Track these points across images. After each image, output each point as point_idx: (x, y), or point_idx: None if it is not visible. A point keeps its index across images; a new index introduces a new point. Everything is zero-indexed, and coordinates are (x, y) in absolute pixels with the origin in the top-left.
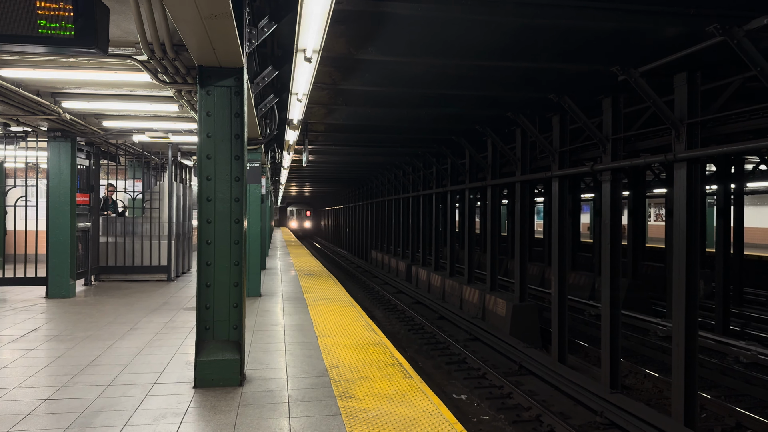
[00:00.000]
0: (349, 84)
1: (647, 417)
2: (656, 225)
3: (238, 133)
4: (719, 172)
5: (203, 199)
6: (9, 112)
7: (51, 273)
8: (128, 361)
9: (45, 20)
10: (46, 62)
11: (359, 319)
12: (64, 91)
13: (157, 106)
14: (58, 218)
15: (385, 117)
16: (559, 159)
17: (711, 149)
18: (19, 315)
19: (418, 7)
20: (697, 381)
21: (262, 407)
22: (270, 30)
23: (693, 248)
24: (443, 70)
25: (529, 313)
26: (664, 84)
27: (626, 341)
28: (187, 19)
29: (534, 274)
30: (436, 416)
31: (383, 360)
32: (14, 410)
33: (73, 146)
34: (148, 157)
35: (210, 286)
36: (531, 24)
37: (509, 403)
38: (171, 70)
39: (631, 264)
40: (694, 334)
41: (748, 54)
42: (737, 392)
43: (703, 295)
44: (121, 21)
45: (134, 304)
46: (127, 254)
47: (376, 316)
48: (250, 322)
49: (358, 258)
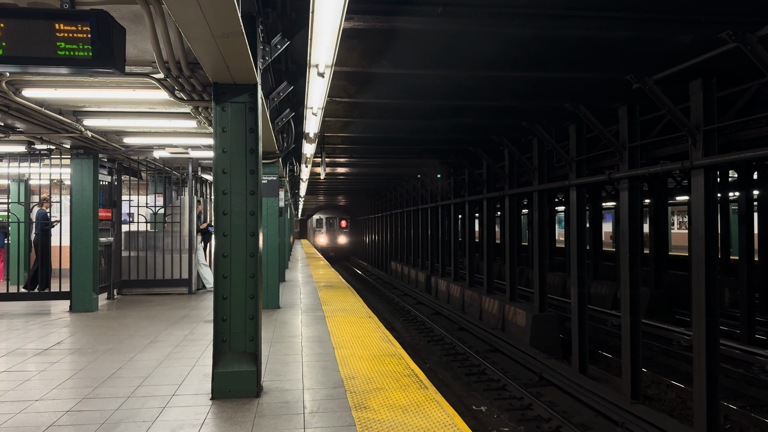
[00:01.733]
0: (364, 97)
1: (668, 428)
2: (679, 233)
3: (252, 148)
4: (741, 179)
5: (219, 213)
6: (33, 131)
7: (74, 287)
8: (148, 374)
9: (64, 42)
10: (67, 82)
11: (376, 330)
12: (86, 110)
13: (175, 123)
14: (81, 233)
15: (401, 129)
16: (576, 168)
17: (728, 156)
18: (43, 329)
19: (429, 21)
20: (719, 390)
21: (278, 418)
22: (283, 47)
23: (712, 255)
24: (457, 82)
25: (549, 323)
26: (680, 91)
27: (648, 351)
28: (200, 38)
29: (556, 283)
30: (451, 427)
31: (399, 371)
32: (37, 422)
33: (95, 163)
34: (169, 172)
35: (226, 299)
36: (542, 34)
37: (529, 414)
38: (187, 88)
39: (653, 272)
40: (716, 342)
41: (762, 60)
42: (763, 402)
43: (728, 303)
44: (138, 41)
45: (155, 317)
46: (149, 268)
47: (395, 327)
48: (268, 333)
49: (377, 269)
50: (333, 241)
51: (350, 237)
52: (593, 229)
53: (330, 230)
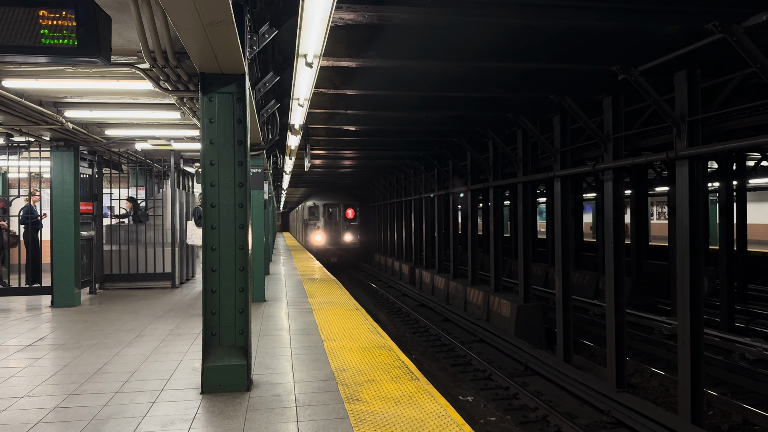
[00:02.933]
0: (350, 88)
1: (654, 415)
2: (659, 223)
3: (240, 139)
4: (721, 169)
5: (207, 206)
6: (12, 123)
7: (56, 282)
8: (135, 369)
9: (47, 30)
10: (48, 72)
11: (364, 322)
12: (67, 101)
13: (159, 114)
14: (61, 227)
15: (386, 120)
16: (561, 159)
17: (712, 146)
18: (24, 324)
19: (418, 11)
20: (703, 378)
21: (270, 412)
22: (271, 36)
23: (696, 245)
24: (443, 72)
25: (534, 313)
26: (665, 82)
27: (631, 340)
28: (189, 26)
29: (537, 274)
30: (444, 418)
31: (389, 363)
32: (23, 419)
33: (75, 155)
34: (151, 165)
35: (215, 292)
36: (530, 25)
37: (516, 403)
38: (173, 78)
39: (634, 263)
40: (700, 332)
41: (748, 51)
42: (744, 389)
43: (707, 292)
44: (123, 30)
45: (139, 311)
46: (131, 262)
47: (380, 320)
48: (255, 327)
49: (361, 261)
50: (336, 239)
51: (359, 233)
52: (574, 219)
53: (331, 224)
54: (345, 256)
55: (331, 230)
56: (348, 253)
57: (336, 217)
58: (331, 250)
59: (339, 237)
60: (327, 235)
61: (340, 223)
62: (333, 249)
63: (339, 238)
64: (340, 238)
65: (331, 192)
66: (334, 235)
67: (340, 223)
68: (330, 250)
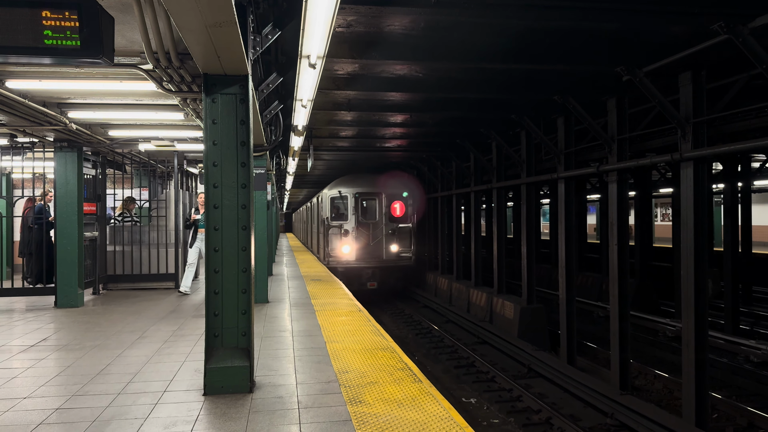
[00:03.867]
0: (353, 89)
1: (658, 418)
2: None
3: (243, 141)
4: (726, 171)
5: (210, 207)
6: (16, 123)
7: (59, 282)
8: (138, 370)
9: (50, 31)
10: (52, 73)
11: (367, 323)
12: (70, 102)
13: (162, 115)
14: (65, 228)
15: (389, 121)
16: (565, 160)
17: (718, 148)
18: (28, 325)
19: (422, 12)
20: (707, 381)
21: (273, 414)
22: (274, 37)
23: (701, 247)
24: (447, 74)
25: (537, 315)
26: (669, 84)
27: (635, 342)
28: (192, 27)
29: (541, 275)
30: (447, 420)
31: (392, 364)
32: (26, 420)
33: (79, 156)
34: (154, 166)
35: (218, 294)
36: (534, 26)
37: (519, 406)
38: (176, 79)
39: (638, 264)
40: (704, 334)
41: (754, 51)
42: (748, 392)
43: (712, 294)
44: (126, 31)
45: (142, 312)
46: (135, 263)
47: (383, 321)
48: (258, 328)
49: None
50: (375, 251)
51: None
52: (578, 221)
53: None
54: (390, 279)
55: (367, 236)
56: (396, 273)
57: (375, 214)
58: (368, 270)
59: (381, 247)
60: (361, 245)
61: (381, 225)
62: (371, 267)
63: (381, 250)
64: (384, 249)
65: (366, 175)
66: (374, 244)
67: (382, 224)
68: (365, 270)
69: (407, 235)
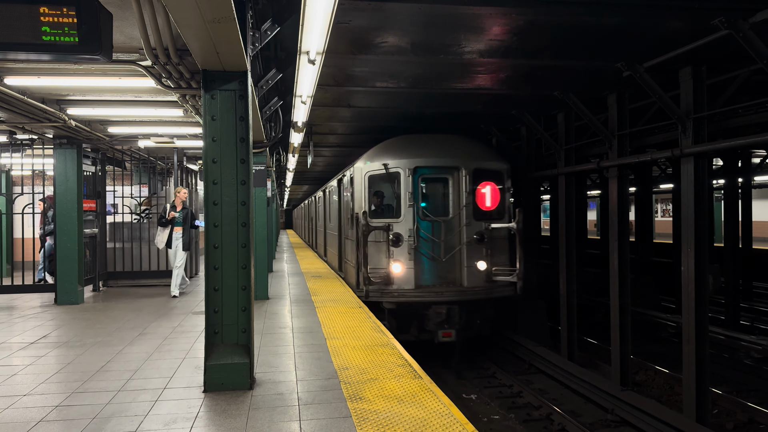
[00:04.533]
0: (353, 85)
1: (659, 414)
2: (662, 221)
3: (243, 137)
4: (726, 166)
5: (210, 203)
6: (15, 120)
7: (59, 280)
8: (138, 367)
9: (49, 27)
10: (50, 69)
11: (367, 320)
12: (69, 98)
13: (161, 111)
14: (65, 225)
15: (389, 117)
16: (565, 156)
17: (718, 143)
18: (28, 322)
19: (418, 7)
20: (708, 377)
21: (273, 410)
22: (273, 33)
23: (702, 243)
24: (446, 69)
25: (538, 311)
26: (670, 79)
27: (635, 337)
28: (191, 23)
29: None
30: (447, 417)
31: (392, 361)
32: (26, 417)
33: (78, 153)
34: (154, 162)
35: (218, 290)
36: (534, 21)
37: (519, 402)
38: (175, 75)
39: (639, 260)
40: (705, 329)
41: (754, 47)
42: (749, 387)
43: (711, 289)
44: (125, 27)
45: (142, 309)
46: (135, 259)
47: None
48: (258, 325)
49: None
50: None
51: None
52: (578, 217)
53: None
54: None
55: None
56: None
57: (448, 205)
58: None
59: (460, 265)
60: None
61: (460, 225)
62: (443, 302)
63: (461, 269)
64: (465, 270)
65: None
66: (446, 261)
67: (462, 222)
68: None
69: (507, 244)
